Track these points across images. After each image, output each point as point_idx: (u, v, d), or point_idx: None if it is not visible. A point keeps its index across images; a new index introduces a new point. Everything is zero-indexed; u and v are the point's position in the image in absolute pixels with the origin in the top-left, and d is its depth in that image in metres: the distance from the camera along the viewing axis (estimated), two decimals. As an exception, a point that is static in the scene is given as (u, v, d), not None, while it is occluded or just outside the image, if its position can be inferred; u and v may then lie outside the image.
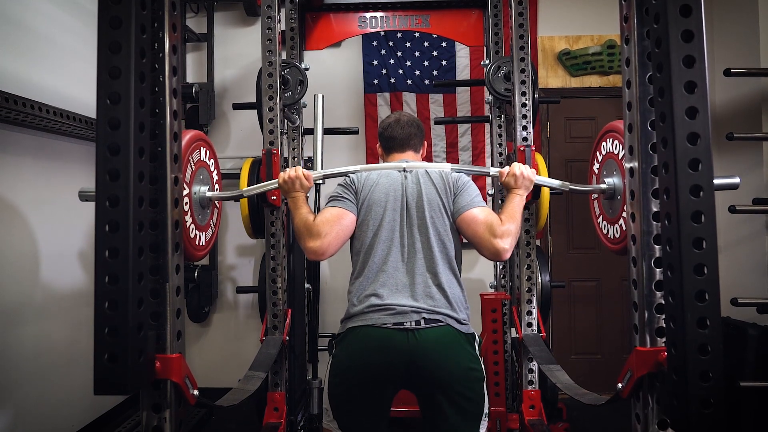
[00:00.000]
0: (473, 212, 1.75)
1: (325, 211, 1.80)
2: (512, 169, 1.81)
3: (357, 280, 1.78)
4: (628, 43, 1.20)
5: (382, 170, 1.84)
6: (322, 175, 1.85)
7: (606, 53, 3.90)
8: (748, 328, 3.07)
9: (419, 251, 1.74)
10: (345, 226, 1.77)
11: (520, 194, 1.79)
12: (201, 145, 1.62)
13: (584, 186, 1.75)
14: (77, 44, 3.06)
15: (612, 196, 1.63)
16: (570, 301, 3.96)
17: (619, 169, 1.58)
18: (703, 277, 0.99)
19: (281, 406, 2.46)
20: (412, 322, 1.65)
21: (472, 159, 3.96)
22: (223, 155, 3.98)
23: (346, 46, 4.02)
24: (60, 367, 2.89)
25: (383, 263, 1.74)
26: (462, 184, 1.83)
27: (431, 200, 1.78)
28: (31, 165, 2.73)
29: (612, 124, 1.64)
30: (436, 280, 1.71)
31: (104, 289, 1.04)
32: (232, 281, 4.01)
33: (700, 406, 0.97)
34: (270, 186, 1.88)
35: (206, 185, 1.66)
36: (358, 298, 1.73)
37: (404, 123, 1.98)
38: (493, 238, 1.68)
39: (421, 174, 1.82)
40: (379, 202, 1.78)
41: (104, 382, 1.04)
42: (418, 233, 1.76)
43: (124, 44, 1.06)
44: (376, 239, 1.76)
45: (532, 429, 2.36)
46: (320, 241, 1.71)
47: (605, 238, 1.69)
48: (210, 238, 1.68)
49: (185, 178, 1.49)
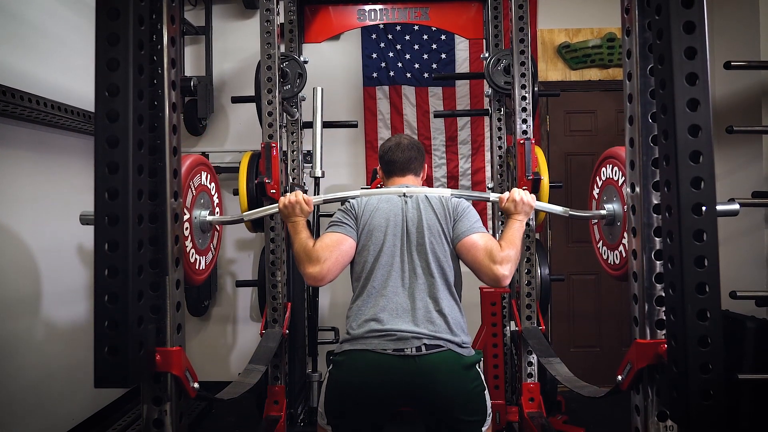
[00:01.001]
0: (473, 238, 1.75)
1: (325, 236, 1.79)
2: (512, 195, 1.81)
3: (356, 303, 1.77)
4: (629, 35, 1.19)
5: (383, 195, 1.85)
6: (322, 200, 1.86)
7: (606, 46, 3.89)
8: (746, 320, 3.07)
9: (420, 276, 1.74)
10: (344, 252, 1.76)
11: (519, 220, 1.79)
12: (202, 170, 1.62)
13: (584, 212, 1.77)
14: (75, 37, 3.05)
15: (612, 222, 1.64)
16: (569, 295, 3.97)
17: (618, 195, 1.59)
18: (703, 269, 0.99)
19: (281, 399, 2.47)
20: (413, 348, 1.64)
21: (471, 152, 3.96)
22: (221, 149, 3.98)
23: (345, 39, 4.00)
24: (60, 360, 2.89)
25: (383, 287, 1.73)
26: (462, 209, 1.83)
27: (431, 226, 1.78)
28: (29, 159, 2.72)
29: (611, 151, 1.64)
30: (437, 306, 1.71)
31: (104, 283, 1.04)
32: (231, 275, 4.01)
33: (700, 398, 0.97)
34: (271, 210, 1.87)
35: (207, 209, 1.65)
36: (358, 322, 1.71)
37: (405, 147, 1.97)
38: (492, 264, 1.68)
39: (422, 199, 1.83)
40: (379, 227, 1.78)
41: (105, 375, 1.04)
42: (418, 258, 1.76)
43: (122, 36, 1.05)
44: (377, 264, 1.76)
45: (531, 421, 2.37)
46: (319, 267, 1.70)
47: (605, 263, 1.69)
48: (210, 262, 1.67)
49: (186, 203, 1.49)
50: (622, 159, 1.51)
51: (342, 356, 1.70)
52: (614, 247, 1.61)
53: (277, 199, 2.44)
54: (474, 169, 3.96)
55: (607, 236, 1.67)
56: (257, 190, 2.45)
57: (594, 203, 1.77)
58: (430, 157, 3.97)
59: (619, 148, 1.56)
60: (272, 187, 2.39)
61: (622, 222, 1.57)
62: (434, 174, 3.98)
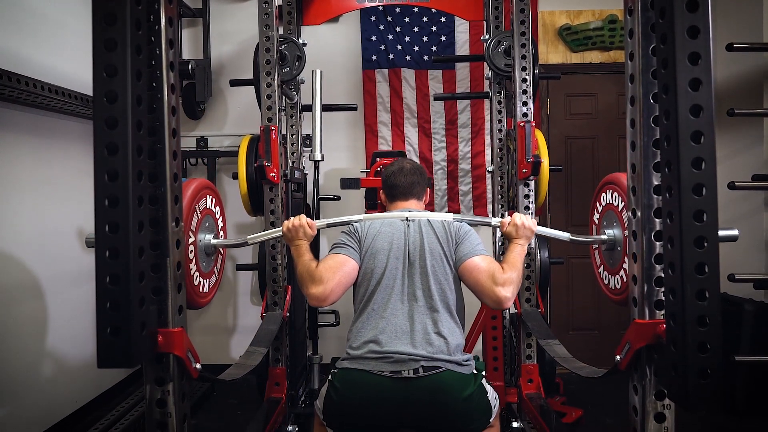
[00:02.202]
0: (475, 260, 1.77)
1: (328, 258, 1.81)
2: (513, 219, 1.82)
3: (356, 324, 1.79)
4: (631, 14, 1.18)
5: (386, 219, 1.87)
6: (325, 224, 1.87)
7: (607, 28, 3.85)
8: (744, 303, 3.10)
9: (420, 299, 1.75)
10: (347, 273, 1.78)
11: (521, 244, 1.81)
12: (207, 193, 1.63)
13: (585, 237, 1.77)
14: (73, 21, 3.02)
15: (612, 247, 1.64)
16: (568, 278, 3.98)
17: (618, 221, 1.60)
18: (703, 249, 0.99)
19: (282, 381, 2.49)
20: (410, 370, 1.65)
21: (471, 135, 3.94)
22: (220, 133, 3.97)
23: (344, 21, 3.96)
24: (62, 344, 2.91)
25: (383, 309, 1.75)
26: (464, 233, 1.85)
27: (433, 249, 1.80)
28: (28, 143, 2.71)
29: (611, 176, 1.64)
30: (435, 328, 1.72)
31: (105, 264, 1.04)
32: (231, 259, 4.01)
33: (697, 377, 0.98)
34: (274, 234, 1.89)
35: (211, 233, 1.66)
36: (358, 343, 1.73)
37: (407, 171, 2.01)
38: (495, 286, 1.69)
39: (424, 223, 1.85)
40: (381, 250, 1.81)
41: (108, 355, 1.04)
42: (419, 281, 1.77)
43: (119, 16, 1.04)
44: (378, 286, 1.78)
45: (530, 402, 2.39)
46: (322, 287, 1.71)
47: (606, 288, 1.70)
48: (214, 285, 1.68)
49: (191, 227, 1.49)
50: (622, 185, 1.53)
51: (341, 373, 1.73)
52: (615, 272, 1.63)
53: (276, 182, 2.44)
54: (474, 152, 3.95)
55: (608, 261, 1.68)
56: (257, 174, 2.44)
57: (594, 228, 1.78)
58: (430, 142, 3.96)
59: (620, 174, 1.58)
60: (272, 171, 2.38)
61: (622, 247, 1.58)
62: (434, 158, 3.97)
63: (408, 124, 3.96)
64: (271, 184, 2.45)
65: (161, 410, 1.23)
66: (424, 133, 3.96)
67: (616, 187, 1.60)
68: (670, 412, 1.17)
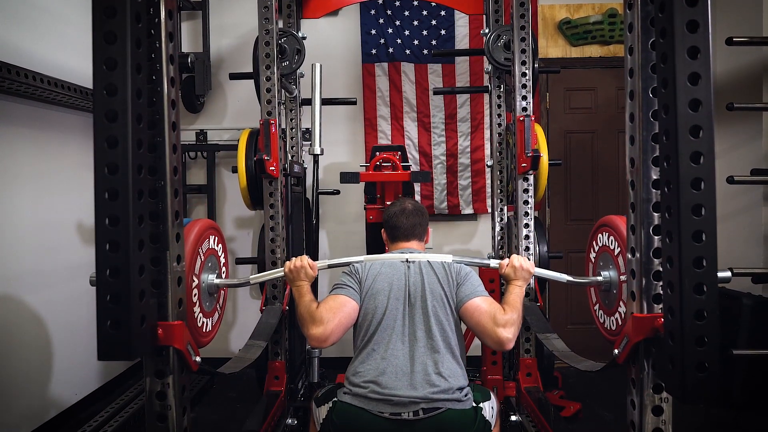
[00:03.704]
0: (476, 302, 1.79)
1: (329, 299, 1.82)
2: (511, 262, 1.85)
3: (356, 364, 1.79)
4: (631, 8, 1.18)
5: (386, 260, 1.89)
6: (327, 265, 1.87)
7: (607, 22, 3.85)
8: (742, 297, 3.10)
9: (420, 339, 1.76)
10: (347, 314, 1.79)
11: (519, 285, 1.83)
12: (210, 234, 1.64)
13: (582, 278, 1.79)
14: (73, 13, 3.01)
15: (608, 288, 1.66)
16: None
17: (614, 262, 1.62)
18: (701, 243, 0.99)
19: (282, 374, 2.50)
20: (410, 413, 1.66)
21: (470, 130, 3.94)
22: (220, 126, 3.96)
23: (344, 15, 3.95)
24: (62, 336, 2.92)
25: (384, 351, 1.76)
26: (465, 274, 1.87)
27: (434, 290, 1.82)
28: (28, 136, 2.71)
29: (606, 219, 1.66)
30: (436, 369, 1.73)
31: (105, 257, 1.04)
32: (231, 253, 4.02)
33: (695, 370, 0.99)
34: (276, 274, 1.91)
35: (214, 272, 1.67)
36: (358, 381, 1.74)
37: (409, 213, 2.05)
38: (496, 327, 1.71)
39: (424, 264, 1.87)
40: (382, 291, 1.82)
41: (108, 348, 1.05)
42: (420, 322, 1.79)
43: (119, 8, 1.04)
44: (379, 327, 1.79)
45: (528, 396, 2.41)
46: (323, 328, 1.72)
47: (602, 327, 1.72)
48: (216, 322, 1.69)
49: (194, 269, 1.49)
50: (617, 228, 1.56)
51: (341, 407, 1.74)
52: (611, 313, 1.64)
53: (276, 176, 2.44)
54: (473, 146, 3.95)
55: (604, 300, 1.70)
56: (256, 168, 2.44)
57: (591, 266, 1.80)
58: (429, 136, 3.96)
59: (615, 217, 1.60)
60: (271, 164, 2.38)
61: (618, 290, 1.60)
62: (433, 152, 3.97)
63: (407, 119, 3.96)
64: (270, 177, 2.45)
65: (161, 403, 1.23)
66: (423, 128, 3.96)
67: (611, 230, 1.62)
68: (667, 406, 1.18)
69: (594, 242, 1.77)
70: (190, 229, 1.49)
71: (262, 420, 2.17)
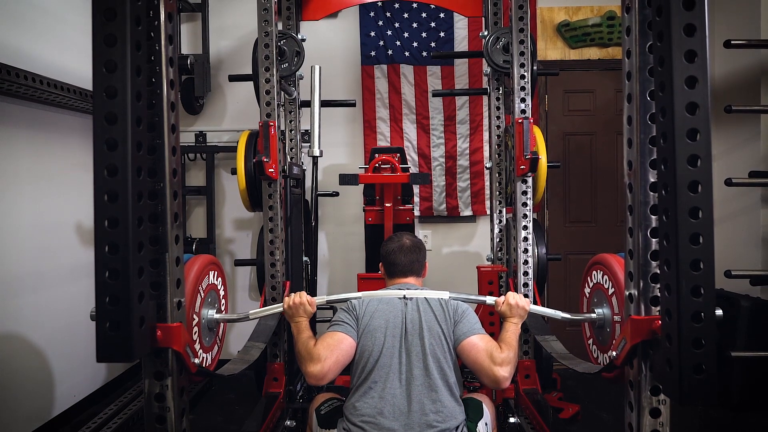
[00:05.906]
0: (473, 340, 1.80)
1: (326, 336, 1.83)
2: (507, 299, 1.87)
3: (352, 401, 1.80)
4: (629, 12, 1.19)
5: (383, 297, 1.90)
6: (325, 300, 1.91)
7: (606, 25, 3.85)
8: (740, 299, 3.11)
9: (417, 378, 1.77)
10: (344, 351, 1.80)
11: (515, 323, 1.86)
12: (211, 269, 1.64)
13: (576, 315, 1.81)
14: (72, 15, 3.01)
15: (602, 325, 1.67)
16: (566, 274, 3.99)
17: (607, 300, 1.63)
18: (698, 246, 1.00)
19: (280, 376, 2.50)
20: None
21: (469, 132, 3.95)
22: (219, 128, 3.97)
23: (343, 17, 3.96)
24: (60, 337, 2.92)
25: (382, 389, 1.76)
26: (462, 311, 1.87)
27: (431, 327, 1.82)
28: (27, 137, 2.71)
29: (599, 257, 1.68)
30: (434, 407, 1.73)
31: (104, 259, 1.04)
32: (230, 254, 4.02)
33: (692, 372, 0.99)
34: (276, 309, 1.94)
35: (214, 307, 1.67)
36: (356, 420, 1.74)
37: (407, 250, 2.07)
38: (493, 365, 1.72)
39: (421, 301, 1.88)
40: (379, 328, 1.83)
41: (107, 350, 1.05)
42: (417, 359, 1.79)
43: (119, 11, 1.04)
44: (376, 365, 1.79)
45: (527, 397, 2.41)
46: (320, 365, 1.73)
47: (596, 362, 1.74)
48: (216, 356, 1.69)
49: (195, 307, 1.49)
50: (611, 267, 1.59)
51: None
52: (605, 350, 1.66)
53: (275, 178, 2.44)
54: (472, 148, 3.95)
55: (598, 337, 1.71)
56: (255, 169, 2.44)
57: (585, 301, 1.82)
58: (428, 138, 3.96)
59: (608, 255, 1.62)
60: (270, 166, 2.39)
61: (611, 328, 1.60)
62: (432, 154, 3.97)
63: (406, 120, 3.96)
64: (269, 179, 2.45)
65: (160, 404, 1.23)
66: (422, 129, 3.96)
67: (605, 269, 1.63)
68: (665, 408, 1.19)
69: (588, 278, 1.79)
70: (191, 267, 1.49)
71: (261, 421, 2.17)
